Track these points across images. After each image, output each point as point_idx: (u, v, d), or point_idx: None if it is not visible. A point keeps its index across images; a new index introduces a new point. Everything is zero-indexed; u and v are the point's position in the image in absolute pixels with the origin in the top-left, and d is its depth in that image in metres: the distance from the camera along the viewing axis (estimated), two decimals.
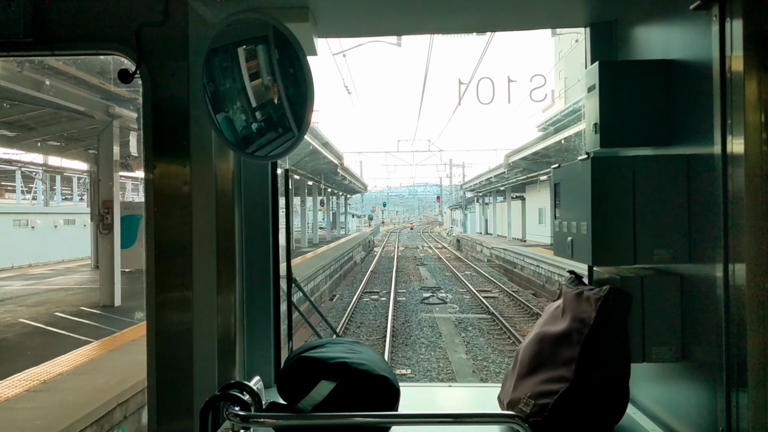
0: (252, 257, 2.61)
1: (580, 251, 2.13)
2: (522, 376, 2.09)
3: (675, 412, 2.03)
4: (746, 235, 1.58)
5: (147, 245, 2.12)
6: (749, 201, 1.58)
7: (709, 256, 1.77)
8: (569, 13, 2.48)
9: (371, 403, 1.95)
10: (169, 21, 2.10)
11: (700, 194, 1.86)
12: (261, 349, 2.62)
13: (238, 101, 2.06)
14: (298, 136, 2.05)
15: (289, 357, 2.12)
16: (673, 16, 2.00)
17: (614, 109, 2.09)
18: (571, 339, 1.97)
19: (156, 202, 2.12)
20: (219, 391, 1.75)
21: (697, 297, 1.89)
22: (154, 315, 2.11)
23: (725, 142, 1.65)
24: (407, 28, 2.68)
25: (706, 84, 1.73)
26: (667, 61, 2.03)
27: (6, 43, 2.12)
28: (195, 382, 2.11)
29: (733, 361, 1.64)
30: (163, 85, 2.11)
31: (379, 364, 2.08)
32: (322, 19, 2.40)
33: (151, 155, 2.12)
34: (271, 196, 2.62)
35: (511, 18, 2.53)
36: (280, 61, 2.03)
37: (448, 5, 2.32)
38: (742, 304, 1.60)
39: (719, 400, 1.69)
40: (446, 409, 2.50)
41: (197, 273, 2.14)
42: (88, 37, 2.15)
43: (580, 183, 2.10)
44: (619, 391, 1.97)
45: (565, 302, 2.11)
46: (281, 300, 2.69)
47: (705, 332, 1.83)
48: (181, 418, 2.11)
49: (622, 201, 2.00)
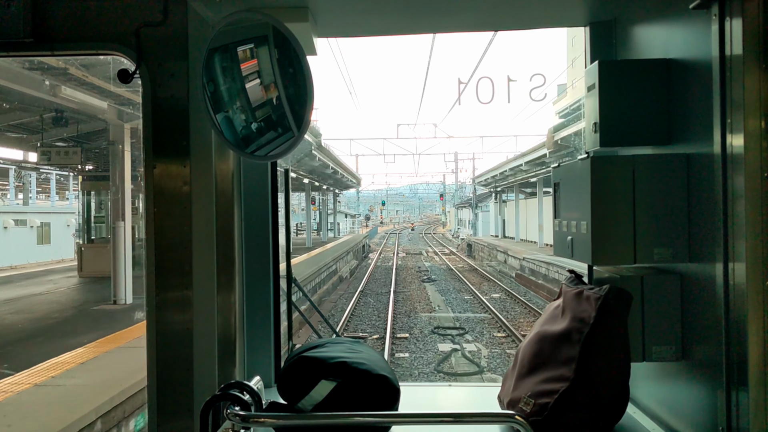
0: (252, 257, 2.61)
1: (580, 250, 2.13)
2: (522, 375, 2.09)
3: (675, 412, 2.03)
4: (746, 234, 1.58)
5: (147, 245, 2.12)
6: (749, 200, 1.58)
7: (709, 255, 1.77)
8: (569, 13, 2.48)
9: (371, 403, 1.95)
10: (168, 21, 2.10)
11: (700, 193, 1.86)
12: (261, 349, 2.62)
13: (238, 101, 2.06)
14: (298, 135, 2.05)
15: (289, 357, 2.12)
16: (672, 15, 2.00)
17: (614, 109, 2.09)
18: (571, 338, 1.97)
19: (156, 202, 2.12)
20: (219, 391, 1.75)
21: (697, 296, 1.89)
22: (154, 315, 2.11)
23: (725, 141, 1.65)
24: (407, 28, 2.68)
25: (705, 83, 1.73)
26: (666, 60, 2.03)
27: (6, 42, 2.12)
28: (195, 381, 2.11)
29: (733, 360, 1.64)
30: (163, 85, 2.11)
31: (379, 364, 2.08)
32: (321, 18, 2.40)
33: (150, 155, 2.12)
34: (271, 195, 2.62)
35: (511, 17, 2.53)
36: (279, 61, 2.03)
37: (447, 4, 2.32)
38: (742, 303, 1.60)
39: (719, 399, 1.69)
40: (446, 408, 2.50)
41: (197, 273, 2.14)
42: (87, 37, 2.15)
43: (580, 182, 2.10)
44: (619, 391, 1.97)
45: (565, 301, 2.11)
46: (281, 299, 2.69)
47: (705, 331, 1.83)
48: (181, 417, 2.11)
49: (622, 200, 2.00)
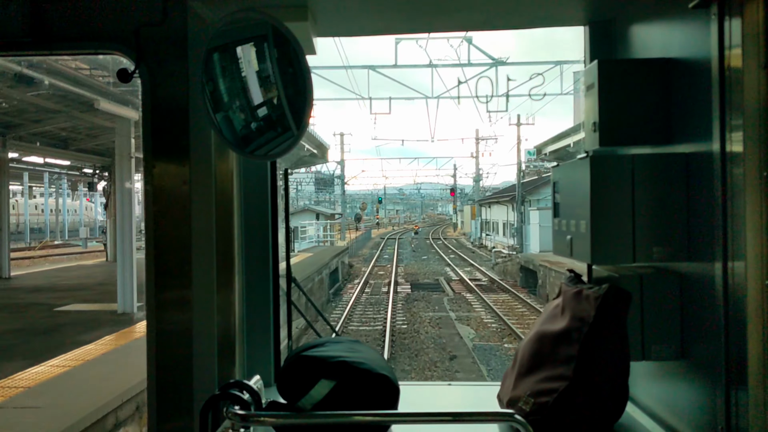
0: (251, 256, 2.61)
1: (580, 250, 2.13)
2: (521, 374, 2.09)
3: (674, 410, 2.03)
4: (745, 233, 1.58)
5: (147, 244, 2.12)
6: (748, 199, 1.58)
7: (708, 254, 1.77)
8: (568, 12, 2.48)
9: (371, 402, 1.95)
10: (168, 20, 2.10)
11: (699, 192, 1.86)
12: (261, 348, 2.62)
13: (237, 100, 2.05)
14: (297, 135, 2.05)
15: (288, 356, 2.12)
16: (671, 14, 2.00)
17: (613, 108, 2.09)
18: (571, 337, 1.97)
19: (155, 202, 2.12)
20: (219, 391, 1.75)
21: (696, 295, 1.89)
22: (154, 314, 2.11)
23: (724, 140, 1.65)
24: (406, 27, 2.68)
25: (705, 82, 1.73)
26: (666, 59, 2.03)
27: (5, 42, 2.12)
28: (195, 381, 2.11)
29: (732, 359, 1.64)
30: (163, 85, 2.11)
31: (379, 363, 2.08)
32: (321, 18, 2.40)
33: (150, 155, 2.12)
34: (271, 195, 2.62)
35: (510, 17, 2.53)
36: (279, 61, 2.03)
37: (447, 4, 2.32)
38: (742, 301, 1.60)
39: (718, 398, 1.69)
40: (446, 407, 2.50)
41: (197, 272, 2.14)
42: (87, 37, 2.15)
43: (580, 181, 2.10)
44: (618, 390, 1.97)
45: (565, 301, 2.11)
46: (281, 299, 2.69)
47: (704, 330, 1.83)
48: (181, 417, 2.11)
49: (621, 199, 2.00)
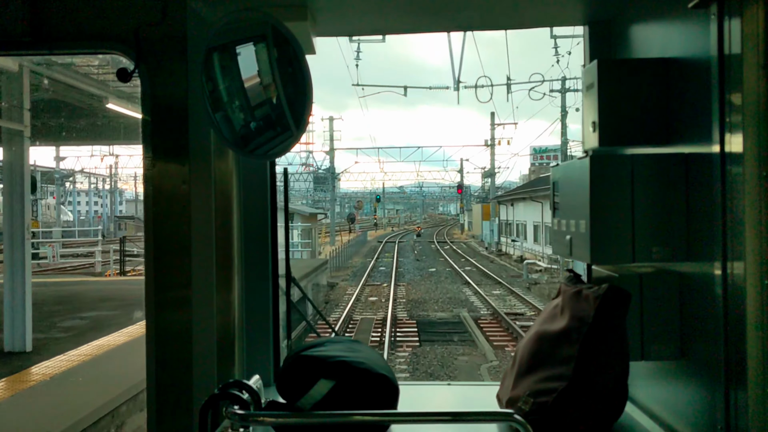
0: (251, 256, 2.61)
1: (579, 249, 2.13)
2: (521, 374, 2.09)
3: (674, 410, 2.03)
4: (745, 233, 1.58)
5: (146, 244, 2.12)
6: (748, 199, 1.58)
7: (708, 254, 1.77)
8: (567, 12, 2.48)
9: (370, 402, 1.95)
10: (167, 20, 2.10)
11: (699, 192, 1.85)
12: (260, 348, 2.62)
13: (237, 100, 2.05)
14: (297, 134, 2.05)
15: (288, 356, 2.12)
16: (671, 14, 2.00)
17: (613, 108, 2.09)
18: (570, 337, 1.97)
19: (155, 201, 2.12)
20: (218, 390, 1.74)
21: (695, 295, 1.89)
22: (153, 314, 2.11)
23: (724, 140, 1.65)
24: (406, 27, 2.68)
25: (704, 82, 1.73)
26: (665, 59, 2.03)
27: (4, 42, 2.12)
28: (194, 381, 2.11)
29: (731, 359, 1.64)
30: (162, 84, 2.11)
31: (378, 363, 2.08)
32: (320, 17, 2.40)
33: (149, 154, 2.12)
34: (270, 194, 2.62)
35: (510, 17, 2.53)
36: (278, 60, 2.03)
37: (446, 4, 2.32)
38: (741, 301, 1.60)
39: (718, 398, 1.69)
40: (445, 407, 2.50)
41: (196, 272, 2.14)
42: (86, 36, 2.14)
43: (579, 181, 2.10)
44: (617, 389, 1.97)
45: (564, 300, 2.11)
46: (280, 299, 2.69)
47: (704, 330, 1.83)
48: (180, 417, 2.11)
49: (620, 199, 2.00)
